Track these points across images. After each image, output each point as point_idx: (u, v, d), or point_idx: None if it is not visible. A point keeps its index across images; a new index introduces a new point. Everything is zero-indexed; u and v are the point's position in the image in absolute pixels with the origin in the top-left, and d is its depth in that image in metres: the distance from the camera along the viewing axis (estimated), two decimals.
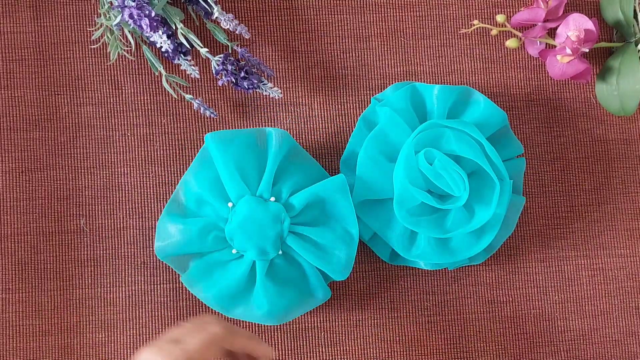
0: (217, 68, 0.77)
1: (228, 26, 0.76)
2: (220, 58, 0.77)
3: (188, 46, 0.78)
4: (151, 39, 0.75)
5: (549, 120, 0.84)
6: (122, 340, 0.79)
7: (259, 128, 0.77)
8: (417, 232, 0.77)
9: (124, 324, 0.79)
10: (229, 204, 0.74)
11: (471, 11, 0.85)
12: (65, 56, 0.81)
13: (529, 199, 0.83)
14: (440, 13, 0.85)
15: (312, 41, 0.84)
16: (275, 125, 0.82)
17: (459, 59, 0.84)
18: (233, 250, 0.75)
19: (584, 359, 0.82)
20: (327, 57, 0.83)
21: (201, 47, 0.77)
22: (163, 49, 0.75)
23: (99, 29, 0.79)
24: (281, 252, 0.75)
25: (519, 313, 0.82)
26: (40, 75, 0.81)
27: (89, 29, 0.81)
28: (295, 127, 0.82)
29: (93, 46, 0.81)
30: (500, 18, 0.82)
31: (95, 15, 0.82)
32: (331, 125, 0.83)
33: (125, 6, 0.73)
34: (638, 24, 0.82)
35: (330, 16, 0.84)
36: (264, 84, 0.78)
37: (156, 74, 0.80)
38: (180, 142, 0.81)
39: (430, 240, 0.77)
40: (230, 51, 0.80)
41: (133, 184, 0.81)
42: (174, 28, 0.78)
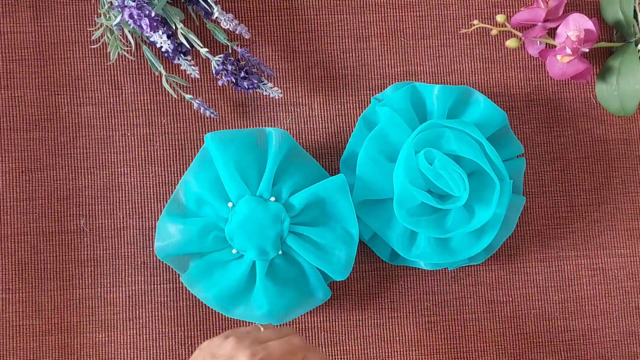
0: (217, 68, 0.77)
1: (228, 26, 0.76)
2: (220, 58, 0.77)
3: (188, 46, 0.78)
4: (151, 39, 0.75)
5: (549, 120, 0.84)
6: (122, 340, 0.79)
7: (259, 128, 0.77)
8: (417, 232, 0.77)
9: (124, 324, 0.79)
10: (229, 204, 0.74)
11: (471, 11, 0.85)
12: (65, 56, 0.81)
13: (529, 199, 0.83)
14: (440, 13, 0.85)
15: (312, 41, 0.83)
16: (275, 125, 0.82)
17: (459, 59, 0.84)
18: (233, 250, 0.75)
19: (583, 359, 0.82)
20: (327, 57, 0.83)
21: (201, 47, 0.77)
22: (163, 49, 0.75)
23: (99, 29, 0.79)
24: (281, 252, 0.75)
25: (519, 313, 0.82)
26: (40, 75, 0.81)
27: (89, 29, 0.81)
28: (295, 127, 0.82)
29: (93, 46, 0.81)
30: (500, 18, 0.82)
31: (95, 15, 0.82)
32: (331, 125, 0.83)
33: (125, 6, 0.73)
34: (638, 24, 0.82)
35: (330, 16, 0.84)
36: (264, 84, 0.78)
37: (156, 74, 0.80)
38: (180, 142, 0.81)
39: (430, 240, 0.77)
40: (230, 51, 0.80)
41: (133, 184, 0.81)
42: (174, 28, 0.78)
